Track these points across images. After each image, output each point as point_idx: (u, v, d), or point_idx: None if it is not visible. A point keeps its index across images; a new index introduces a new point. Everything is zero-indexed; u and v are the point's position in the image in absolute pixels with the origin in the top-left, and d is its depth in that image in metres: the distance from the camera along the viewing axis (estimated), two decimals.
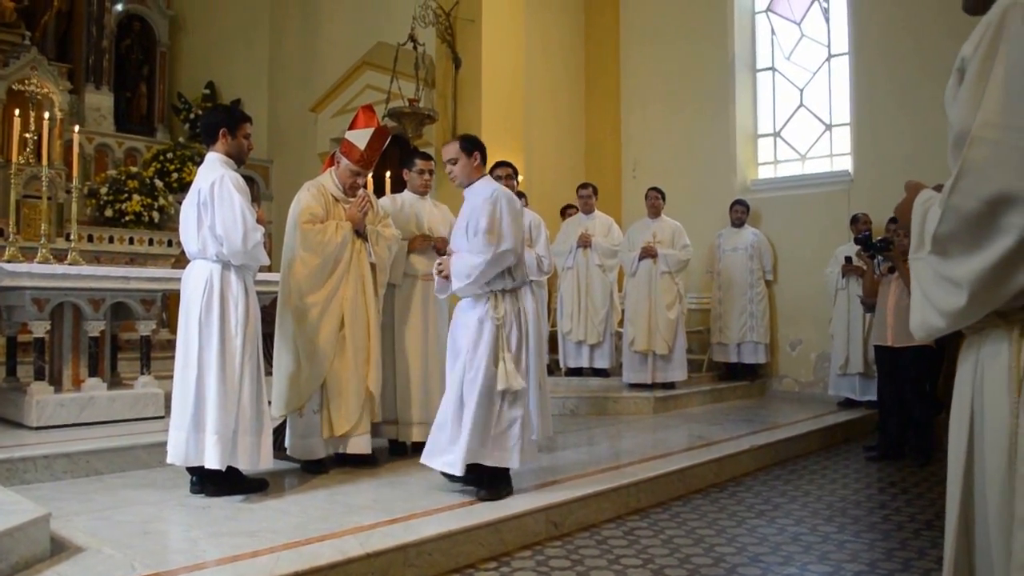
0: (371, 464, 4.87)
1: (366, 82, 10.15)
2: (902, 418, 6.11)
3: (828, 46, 9.18)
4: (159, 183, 10.74)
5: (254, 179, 11.83)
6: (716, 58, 9.67)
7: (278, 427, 4.59)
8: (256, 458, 4.09)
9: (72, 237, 5.84)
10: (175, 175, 11.00)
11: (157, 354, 6.17)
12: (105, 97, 11.31)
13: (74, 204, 5.88)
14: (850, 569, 3.64)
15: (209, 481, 4.11)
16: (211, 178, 4.06)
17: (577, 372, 8.21)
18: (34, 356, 5.26)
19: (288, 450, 4.72)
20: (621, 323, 8.11)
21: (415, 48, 8.36)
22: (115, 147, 11.16)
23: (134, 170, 10.83)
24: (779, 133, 9.60)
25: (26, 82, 9.98)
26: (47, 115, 6.17)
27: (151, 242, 10.48)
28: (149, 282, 5.55)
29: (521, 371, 4.16)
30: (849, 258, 7.56)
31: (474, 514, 3.85)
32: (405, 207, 5.39)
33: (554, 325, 8.40)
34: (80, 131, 6.13)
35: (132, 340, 6.88)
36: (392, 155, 7.38)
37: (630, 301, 7.83)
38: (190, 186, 4.25)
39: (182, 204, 4.28)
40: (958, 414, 1.69)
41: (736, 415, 7.37)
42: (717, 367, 8.98)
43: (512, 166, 5.72)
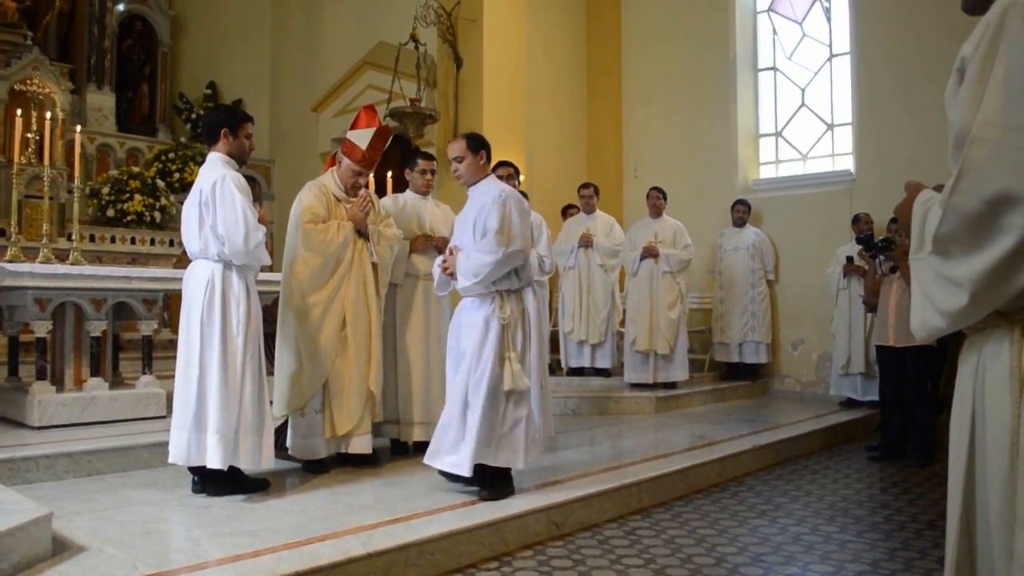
0: (373, 464, 4.87)
1: (367, 82, 10.15)
2: (904, 418, 6.10)
3: (830, 46, 9.17)
4: (161, 183, 10.74)
5: (256, 179, 11.84)
6: (718, 58, 9.67)
7: (280, 427, 4.60)
8: (258, 458, 4.10)
9: (74, 237, 5.85)
10: (177, 175, 11.01)
11: (159, 354, 6.16)
12: (107, 97, 11.32)
13: (76, 204, 5.88)
14: (852, 569, 3.64)
15: (211, 481, 4.12)
16: (213, 178, 4.07)
17: (579, 372, 8.21)
18: (36, 356, 5.26)
19: (290, 450, 4.72)
20: (623, 323, 8.10)
21: (416, 48, 8.36)
22: (117, 147, 11.18)
23: (136, 170, 10.84)
24: (781, 133, 9.59)
25: (28, 82, 9.99)
26: (49, 115, 6.18)
27: (153, 242, 10.48)
28: (151, 282, 5.56)
29: (526, 371, 4.17)
30: (851, 258, 7.55)
31: (476, 514, 3.85)
32: (407, 207, 5.39)
33: (556, 325, 8.40)
34: (82, 131, 6.14)
35: (134, 340, 6.88)
36: (393, 155, 7.38)
37: (632, 301, 7.82)
38: (192, 186, 4.25)
39: (184, 204, 4.28)
40: (959, 414, 1.69)
41: (738, 415, 7.36)
42: (719, 367, 8.98)
43: (513, 166, 5.71)
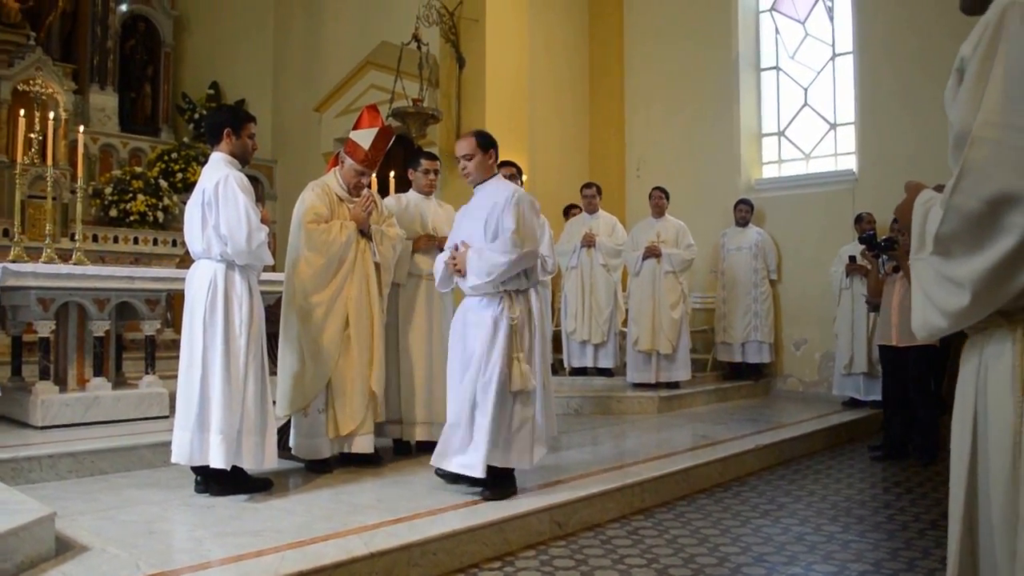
0: (375, 464, 4.87)
1: (370, 82, 10.16)
2: (906, 418, 6.10)
3: (832, 45, 9.16)
4: (163, 183, 10.75)
5: (258, 179, 11.85)
6: (720, 57, 9.66)
7: (282, 427, 4.60)
8: (260, 458, 4.10)
9: (77, 237, 5.85)
10: (179, 175, 11.01)
11: (162, 354, 6.17)
12: (110, 97, 11.33)
13: (79, 204, 5.90)
14: (855, 569, 3.63)
15: (214, 480, 4.12)
16: (215, 178, 4.07)
17: (581, 372, 8.21)
18: (39, 356, 5.28)
19: (293, 450, 4.72)
20: (625, 323, 8.10)
21: (419, 48, 8.37)
22: (120, 147, 11.19)
23: (139, 170, 10.84)
24: (783, 132, 9.58)
25: (31, 82, 9.99)
26: (52, 115, 6.20)
27: (156, 242, 10.49)
28: (154, 282, 5.57)
29: (533, 371, 4.18)
30: (853, 257, 7.55)
31: (478, 514, 3.85)
32: (410, 207, 5.39)
33: (558, 325, 8.40)
34: (85, 131, 6.14)
35: (137, 340, 6.90)
36: (396, 155, 7.39)
37: (634, 301, 7.82)
38: (195, 186, 4.26)
39: (186, 204, 4.29)
40: (961, 414, 1.69)
41: (740, 415, 7.36)
42: (721, 367, 8.98)
43: (516, 166, 5.72)
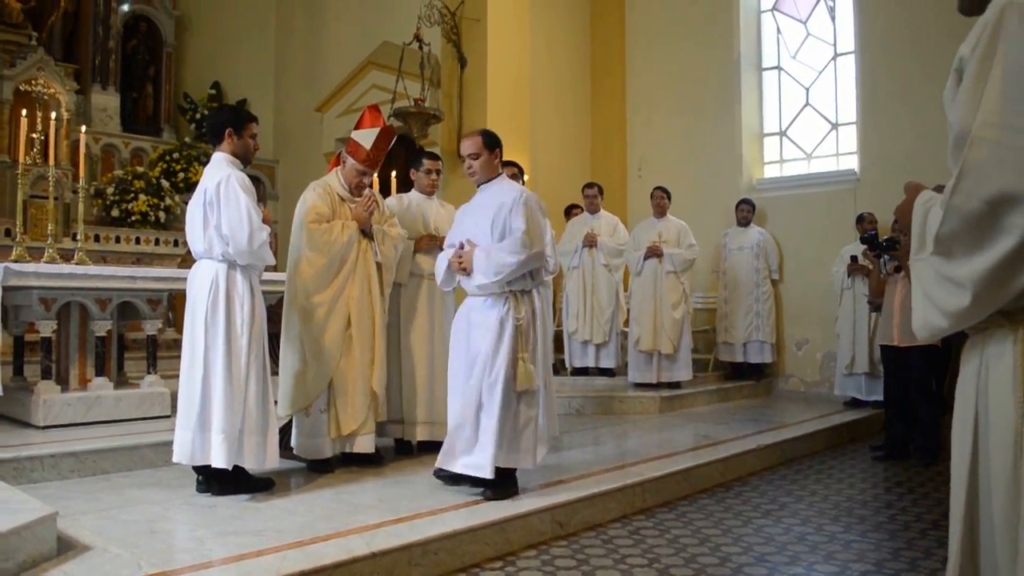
0: (377, 463, 4.87)
1: (372, 82, 10.15)
2: (908, 418, 6.09)
3: (834, 45, 9.16)
4: (165, 183, 10.75)
5: (260, 179, 11.85)
6: (722, 57, 9.65)
7: (284, 426, 4.60)
8: (262, 457, 4.10)
9: (79, 237, 5.85)
10: (181, 175, 11.02)
11: (163, 353, 6.18)
12: (111, 97, 11.34)
13: (81, 204, 5.89)
14: (856, 569, 3.63)
15: (215, 480, 4.13)
16: (217, 178, 4.07)
17: (583, 372, 8.20)
18: (41, 355, 5.28)
19: (294, 449, 4.72)
20: (627, 323, 8.09)
21: (420, 48, 8.37)
22: (121, 147, 11.20)
23: (140, 170, 10.85)
24: (785, 132, 9.57)
25: (33, 82, 10.00)
26: (54, 115, 6.21)
27: (157, 242, 10.49)
28: (155, 282, 5.57)
29: (537, 371, 4.18)
30: (855, 257, 7.54)
31: (479, 514, 3.85)
32: (412, 207, 5.39)
33: (560, 325, 8.39)
34: (87, 131, 6.13)
35: (138, 340, 6.91)
36: (397, 155, 7.39)
37: (635, 300, 7.82)
38: (196, 186, 4.26)
39: (188, 204, 4.29)
40: (962, 414, 1.69)
41: (742, 415, 7.36)
42: (723, 367, 8.97)
43: (517, 165, 5.73)
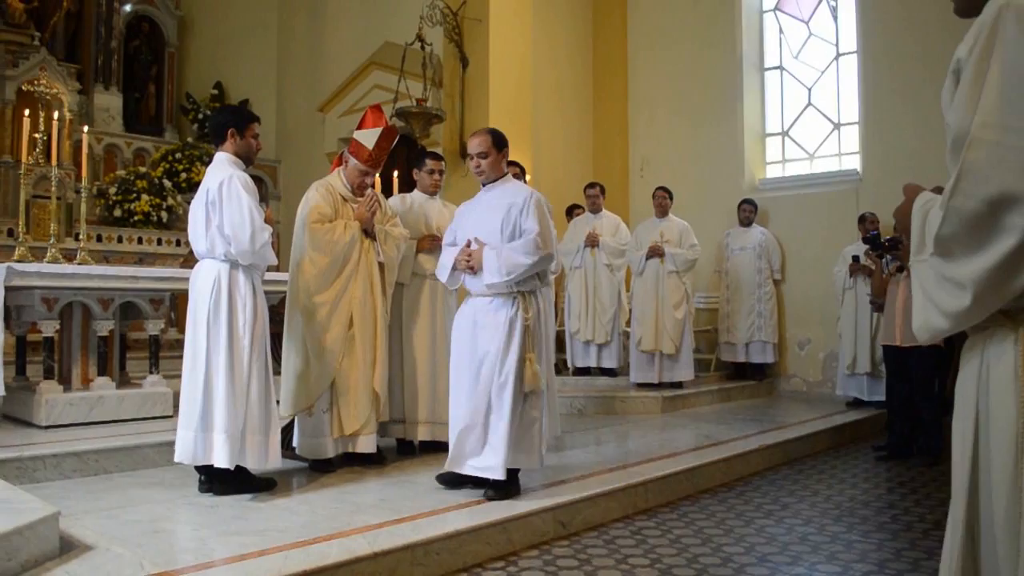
0: (379, 463, 4.87)
1: (374, 82, 10.16)
2: (911, 418, 6.08)
3: (836, 45, 9.15)
4: (168, 183, 10.78)
5: (262, 179, 11.86)
6: (724, 57, 9.64)
7: (286, 426, 4.61)
8: (264, 457, 4.10)
9: (81, 237, 5.86)
10: (183, 175, 11.04)
11: (166, 353, 6.18)
12: (114, 97, 11.36)
13: (83, 204, 5.90)
14: (859, 569, 3.63)
15: (217, 480, 4.13)
16: (219, 178, 4.07)
17: (585, 372, 8.19)
18: (43, 355, 5.29)
19: (297, 449, 4.73)
20: (629, 323, 8.09)
21: (423, 48, 8.37)
22: (124, 147, 11.22)
23: (143, 170, 10.88)
24: (787, 132, 9.57)
25: (35, 82, 10.03)
26: (56, 115, 6.20)
27: (160, 242, 10.51)
28: (158, 282, 5.58)
29: (542, 371, 4.18)
30: (857, 257, 7.54)
31: (481, 514, 3.85)
32: (414, 207, 5.39)
33: (562, 325, 8.39)
34: (89, 131, 6.15)
35: (141, 340, 6.91)
36: (400, 154, 7.39)
37: (637, 300, 7.81)
38: (199, 186, 4.26)
39: (190, 204, 4.30)
40: (962, 414, 1.69)
41: (744, 415, 7.35)
42: (725, 367, 8.96)
43: (519, 165, 5.72)
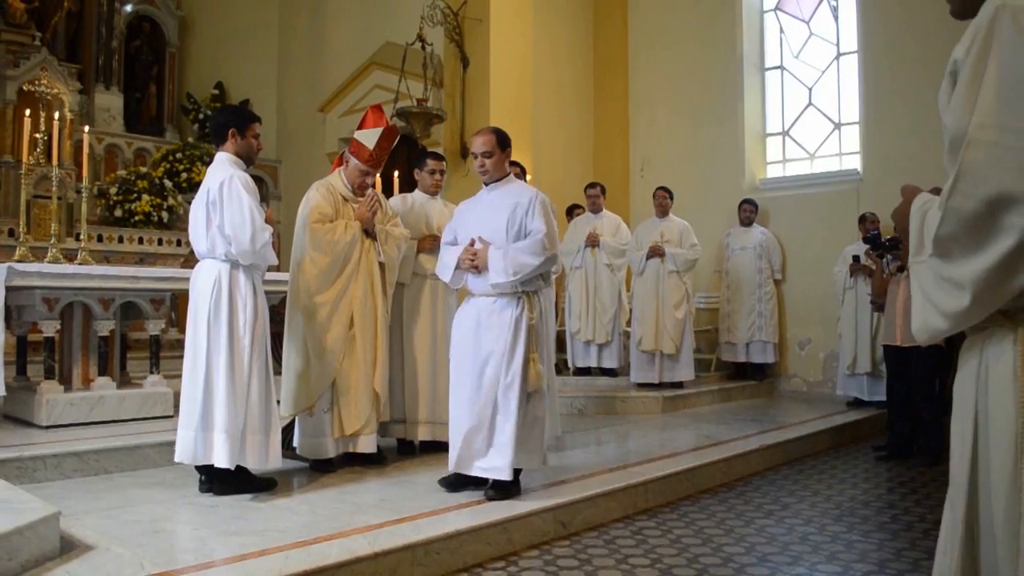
0: (379, 463, 4.87)
1: (374, 82, 10.16)
2: (911, 418, 6.08)
3: (837, 44, 9.14)
4: (168, 183, 10.77)
5: (263, 179, 11.86)
6: (724, 57, 9.64)
7: (286, 426, 4.61)
8: (264, 457, 4.10)
9: (82, 237, 5.87)
10: (184, 175, 11.04)
11: (166, 353, 6.19)
12: (115, 97, 11.36)
13: (84, 204, 5.90)
14: (859, 569, 3.63)
15: (218, 480, 4.13)
16: (220, 178, 4.08)
17: (585, 372, 8.19)
18: (44, 355, 5.29)
19: (297, 449, 4.73)
20: (629, 323, 8.09)
21: (423, 48, 8.37)
22: (125, 147, 11.22)
23: (143, 170, 10.88)
24: (788, 132, 9.56)
25: (36, 82, 10.04)
26: (57, 115, 6.21)
27: (160, 242, 10.51)
28: (158, 282, 5.58)
29: (545, 371, 4.19)
30: (857, 257, 7.53)
31: (482, 514, 3.85)
32: (415, 207, 5.39)
33: (562, 325, 8.39)
34: (90, 131, 6.15)
35: (141, 340, 6.91)
36: (400, 154, 7.39)
37: (637, 300, 7.81)
38: (199, 186, 4.27)
39: (191, 204, 4.30)
40: (961, 414, 1.69)
41: (745, 415, 7.35)
42: (726, 367, 8.96)
43: (520, 165, 5.72)
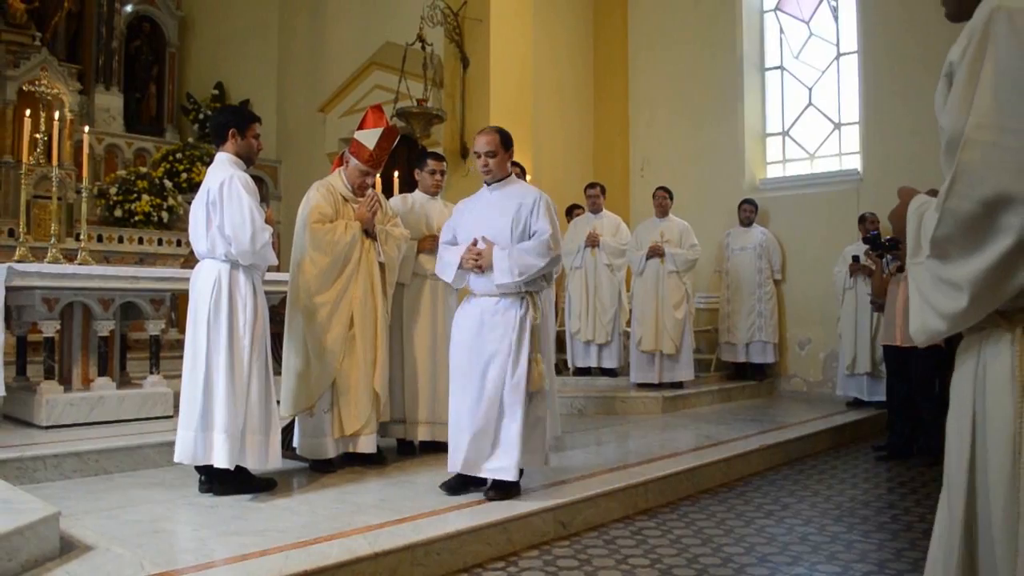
0: (379, 463, 4.87)
1: (374, 82, 10.16)
2: (911, 418, 6.08)
3: (837, 44, 9.14)
4: (168, 183, 10.78)
5: (263, 179, 11.86)
6: (724, 57, 9.64)
7: (286, 426, 4.61)
8: (264, 457, 4.10)
9: (82, 237, 5.87)
10: (184, 175, 11.04)
11: (166, 354, 6.19)
12: (115, 98, 11.37)
13: (84, 204, 5.90)
14: (859, 569, 3.63)
15: (218, 480, 4.13)
16: (220, 178, 4.08)
17: (585, 372, 8.19)
18: (44, 355, 5.29)
19: (297, 449, 4.73)
20: (629, 323, 8.09)
21: (423, 48, 8.37)
22: (125, 147, 11.23)
23: (143, 170, 10.88)
24: (788, 132, 9.56)
25: (36, 83, 10.04)
26: (57, 116, 6.21)
27: (160, 242, 10.51)
28: (158, 282, 5.58)
29: (547, 371, 4.20)
30: (857, 257, 7.54)
31: (482, 514, 3.85)
32: (415, 207, 5.39)
33: (562, 325, 8.39)
34: (90, 132, 6.16)
35: (141, 340, 6.91)
36: (400, 155, 7.39)
37: (637, 300, 7.81)
38: (199, 186, 4.27)
39: (191, 204, 4.30)
40: (958, 414, 1.69)
41: (745, 415, 7.35)
42: (725, 367, 8.96)
43: (520, 165, 5.72)
